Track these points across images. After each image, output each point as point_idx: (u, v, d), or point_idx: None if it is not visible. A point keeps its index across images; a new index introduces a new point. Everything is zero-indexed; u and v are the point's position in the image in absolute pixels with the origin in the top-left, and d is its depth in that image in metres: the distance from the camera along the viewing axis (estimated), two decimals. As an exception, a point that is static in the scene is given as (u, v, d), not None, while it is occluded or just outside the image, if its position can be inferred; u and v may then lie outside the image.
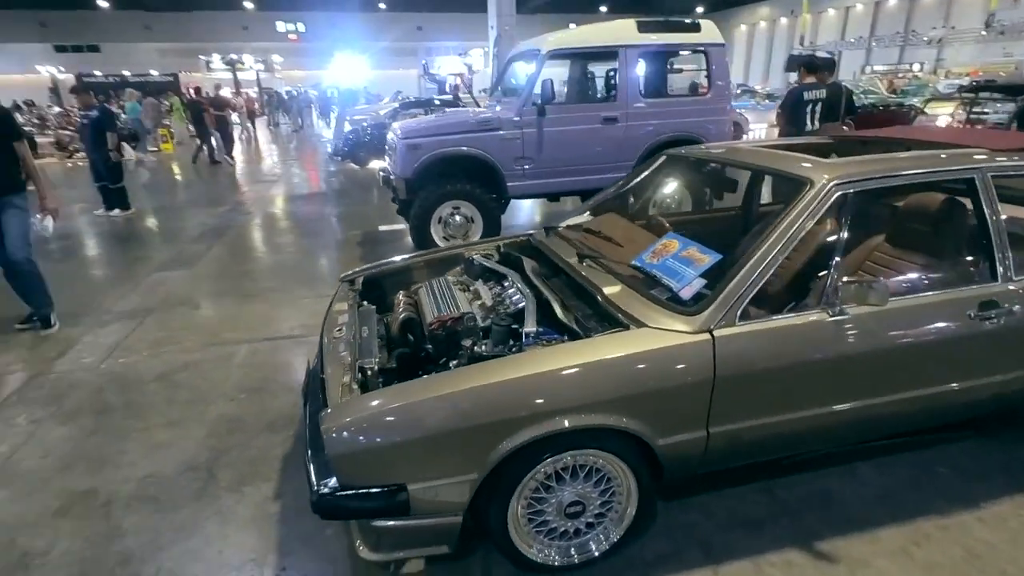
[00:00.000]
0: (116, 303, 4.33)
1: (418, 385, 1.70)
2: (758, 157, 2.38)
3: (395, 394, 1.67)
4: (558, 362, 1.69)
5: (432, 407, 1.61)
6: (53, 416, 2.82)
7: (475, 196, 4.75)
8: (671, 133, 5.00)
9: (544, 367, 1.67)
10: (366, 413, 1.60)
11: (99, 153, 7.11)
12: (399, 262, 2.89)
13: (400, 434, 1.59)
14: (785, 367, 1.81)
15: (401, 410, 1.61)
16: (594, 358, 1.70)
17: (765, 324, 1.81)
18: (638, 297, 1.92)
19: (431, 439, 1.60)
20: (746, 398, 1.82)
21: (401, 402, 1.62)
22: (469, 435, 1.62)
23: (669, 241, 2.10)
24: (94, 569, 1.92)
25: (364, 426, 1.59)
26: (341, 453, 1.59)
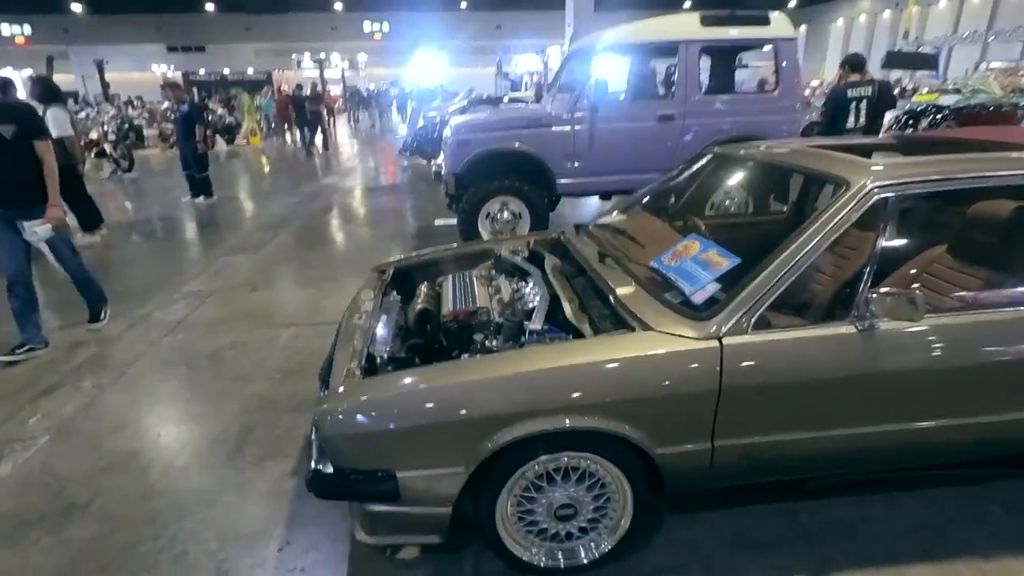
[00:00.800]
0: (187, 283, 4.67)
1: (412, 375, 1.72)
2: (796, 156, 2.22)
3: (390, 383, 1.69)
4: (554, 360, 1.65)
5: (423, 398, 1.62)
6: (114, 383, 3.08)
7: (523, 192, 4.74)
8: (731, 132, 4.76)
9: (538, 365, 1.64)
10: (360, 399, 1.64)
11: (188, 144, 7.69)
12: (430, 254, 2.93)
13: (391, 422, 1.61)
14: (804, 382, 1.68)
15: (393, 399, 1.63)
16: (591, 359, 1.65)
17: (782, 334, 1.68)
18: (649, 299, 1.85)
19: (420, 429, 1.62)
20: (757, 413, 1.70)
21: (394, 391, 1.65)
22: (457, 428, 1.62)
23: (690, 243, 2.00)
24: (123, 524, 2.08)
25: (357, 411, 1.62)
26: (333, 436, 1.63)
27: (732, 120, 4.80)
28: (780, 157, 2.30)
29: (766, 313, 1.69)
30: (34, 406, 2.86)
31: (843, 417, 1.75)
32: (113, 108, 18.20)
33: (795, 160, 2.18)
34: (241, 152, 14.55)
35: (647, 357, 1.63)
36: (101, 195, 8.80)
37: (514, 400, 1.60)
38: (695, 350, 1.63)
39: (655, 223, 2.56)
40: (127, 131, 15.23)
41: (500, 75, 20.37)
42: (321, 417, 1.62)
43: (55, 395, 2.97)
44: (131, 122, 16.12)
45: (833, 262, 2.12)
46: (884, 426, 1.76)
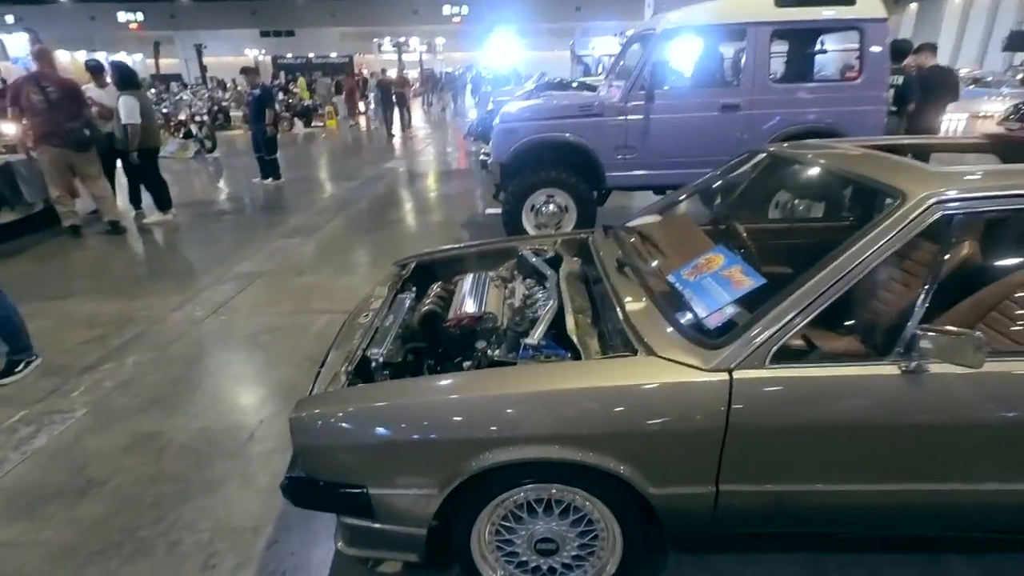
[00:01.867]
0: (239, 264, 4.84)
1: (389, 389, 1.62)
2: (852, 160, 1.92)
3: (366, 395, 1.61)
4: (540, 383, 1.51)
5: (396, 414, 1.52)
6: (154, 361, 3.21)
7: (570, 185, 4.54)
8: (803, 124, 4.32)
9: (522, 387, 1.50)
10: (333, 410, 1.56)
11: (259, 126, 8.00)
12: (454, 250, 2.83)
13: (363, 437, 1.53)
14: (830, 428, 1.44)
15: (367, 413, 1.54)
16: (581, 384, 1.49)
17: (807, 370, 1.45)
18: (658, 319, 1.65)
19: (393, 446, 1.52)
20: (771, 458, 1.48)
21: (368, 405, 1.56)
22: (432, 449, 1.51)
23: (714, 256, 1.77)
24: (131, 506, 2.14)
25: (329, 421, 1.55)
26: (303, 445, 1.57)
27: (805, 111, 4.35)
28: (833, 160, 2.00)
29: (789, 344, 1.46)
30: (79, 380, 3.03)
31: (876, 471, 1.49)
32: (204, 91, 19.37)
33: (849, 165, 1.88)
34: (316, 134, 15.06)
35: (644, 388, 1.45)
36: (184, 174, 9.37)
37: (492, 424, 1.47)
38: (699, 383, 1.43)
39: (689, 228, 2.33)
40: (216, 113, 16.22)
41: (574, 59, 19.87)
42: (294, 424, 1.56)
43: (100, 370, 3.13)
44: (220, 104, 17.14)
45: (879, 289, 1.82)
46: (926, 485, 1.49)
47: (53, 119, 5.28)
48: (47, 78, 5.33)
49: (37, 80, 5.27)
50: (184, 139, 11.73)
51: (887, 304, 1.75)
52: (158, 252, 5.41)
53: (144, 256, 5.20)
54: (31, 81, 5.27)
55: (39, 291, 4.25)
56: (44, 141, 5.33)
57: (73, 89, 5.50)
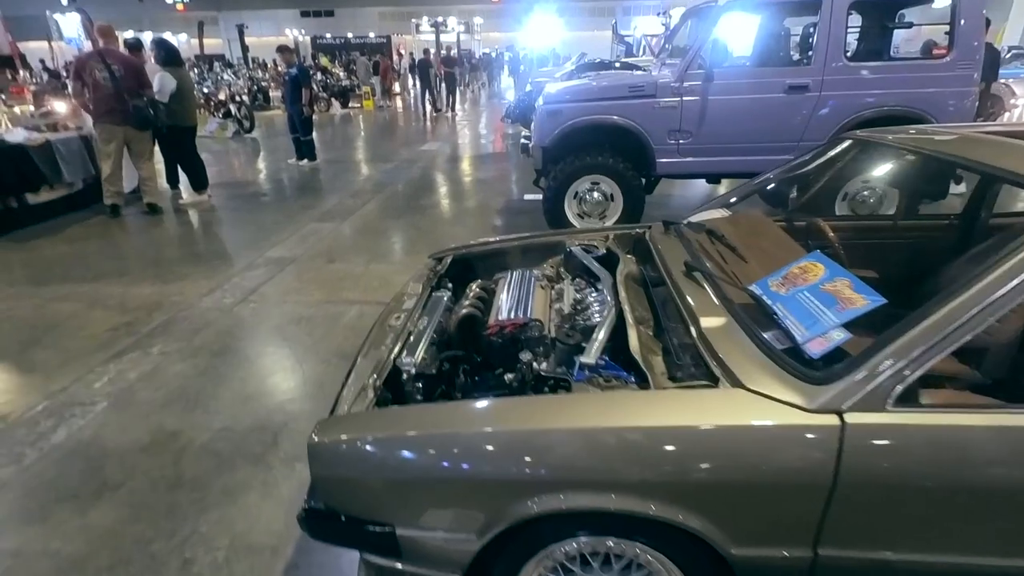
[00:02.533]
0: (270, 248, 4.71)
1: (425, 414, 1.40)
2: (971, 147, 1.58)
3: (394, 420, 1.38)
4: (600, 417, 1.26)
5: (432, 446, 1.30)
6: (180, 351, 3.08)
7: (618, 171, 4.22)
8: (882, 107, 3.89)
9: (577, 421, 1.26)
10: (354, 437, 1.34)
11: (295, 107, 7.86)
12: (495, 243, 2.58)
13: (391, 470, 1.31)
14: (969, 488, 1.15)
15: (397, 442, 1.32)
16: (651, 422, 1.23)
17: (943, 417, 1.16)
18: (743, 340, 1.38)
19: (425, 483, 1.30)
20: (889, 521, 1.20)
21: (394, 433, 1.33)
22: (469, 489, 1.29)
23: (810, 264, 1.48)
24: (145, 514, 1.99)
25: (353, 450, 1.33)
26: (323, 475, 1.36)
27: (884, 93, 3.91)
28: (948, 148, 1.67)
29: (918, 383, 1.18)
30: (103, 368, 2.92)
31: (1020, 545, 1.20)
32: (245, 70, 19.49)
33: (970, 153, 1.55)
34: (353, 115, 14.97)
35: (730, 429, 1.19)
36: (221, 153, 9.36)
37: (540, 465, 1.24)
38: (801, 426, 1.16)
39: (768, 227, 2.02)
40: (255, 93, 16.27)
41: (616, 38, 19.21)
42: (313, 451, 1.35)
43: (125, 358, 3.02)
44: (259, 84, 17.18)
45: None
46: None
47: (118, 96, 5.26)
48: (111, 55, 5.30)
49: (102, 56, 5.24)
50: (223, 119, 11.76)
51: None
52: (192, 234, 5.33)
53: (178, 238, 5.13)
54: (96, 57, 5.25)
55: (72, 273, 4.20)
56: (106, 118, 5.31)
57: (136, 67, 5.48)
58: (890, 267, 2.19)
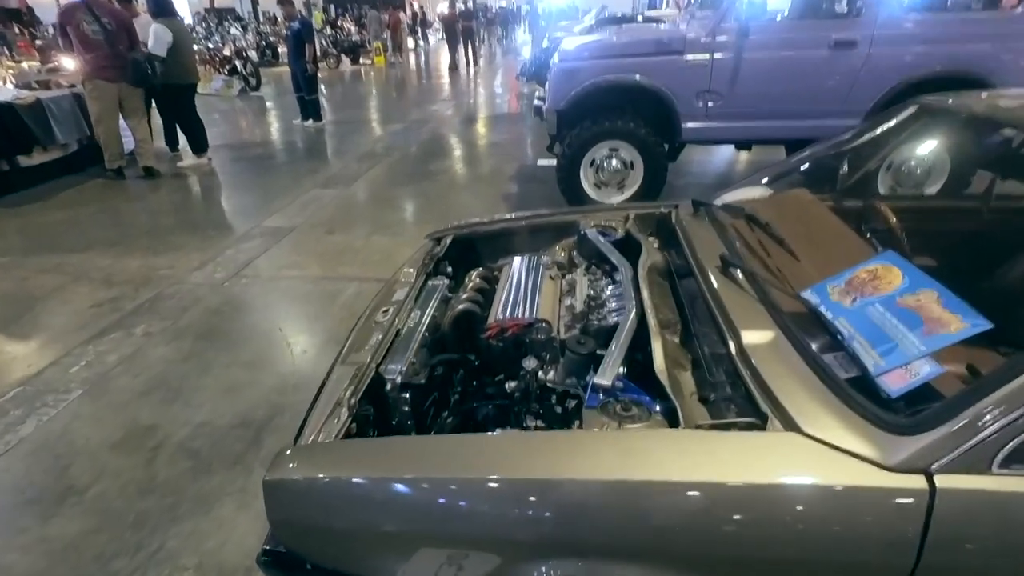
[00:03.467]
0: (270, 216, 4.46)
1: (404, 450, 1.15)
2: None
3: (372, 455, 1.14)
4: (617, 466, 1.00)
5: (412, 492, 1.06)
6: (164, 332, 2.88)
7: (638, 136, 3.85)
8: (940, 67, 3.46)
9: (591, 470, 1.00)
10: (321, 473, 1.11)
11: (298, 64, 7.46)
12: (500, 222, 2.29)
13: (362, 519, 1.08)
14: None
15: (368, 487, 1.08)
16: (681, 476, 0.97)
17: (1063, 483, 0.89)
18: (799, 364, 1.10)
19: (405, 538, 1.07)
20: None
21: (371, 472, 1.10)
22: (455, 550, 1.05)
23: (883, 268, 1.19)
24: (110, 524, 1.81)
25: (313, 493, 1.10)
26: (281, 519, 1.14)
27: (944, 48, 3.47)
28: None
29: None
30: (82, 350, 2.73)
31: None
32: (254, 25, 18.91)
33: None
34: (364, 72, 14.46)
35: (782, 489, 0.93)
36: (226, 112, 9.05)
37: (543, 524, 1.00)
38: (877, 489, 0.90)
39: (821, 214, 1.71)
40: (264, 48, 15.79)
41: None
42: (265, 490, 1.12)
43: (107, 339, 2.83)
44: (268, 39, 16.66)
45: None
46: None
47: (112, 51, 4.96)
48: (99, 6, 4.96)
49: (90, 8, 4.89)
50: (228, 76, 11.38)
51: None
52: (188, 201, 5.09)
53: (174, 205, 4.89)
54: (83, 9, 4.90)
55: (61, 242, 4.00)
56: (98, 75, 5.01)
57: (127, 20, 5.15)
58: (978, 266, 1.87)
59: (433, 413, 1.56)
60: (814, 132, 3.75)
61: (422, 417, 1.51)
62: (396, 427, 1.46)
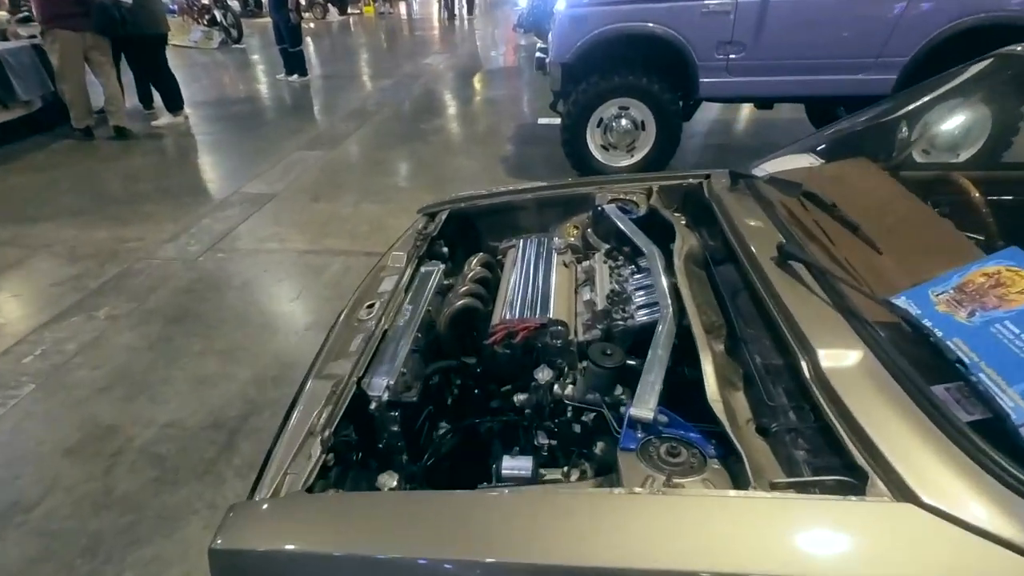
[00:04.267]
0: (249, 182, 4.12)
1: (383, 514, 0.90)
2: None
3: (345, 517, 0.89)
4: (672, 551, 0.75)
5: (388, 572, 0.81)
6: (130, 315, 2.61)
7: (652, 93, 3.50)
8: (991, 12, 3.08)
9: (632, 555, 0.75)
10: (277, 548, 0.86)
11: (280, 14, 6.96)
12: (503, 195, 1.98)
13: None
14: None
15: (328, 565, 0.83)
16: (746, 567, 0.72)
17: None
18: (901, 399, 0.84)
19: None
20: None
21: (339, 545, 0.84)
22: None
23: (1011, 271, 0.92)
24: (59, 548, 1.59)
25: (269, 569, 0.86)
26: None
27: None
28: None
29: None
30: (38, 336, 2.46)
31: None
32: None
33: None
34: (352, 23, 13.73)
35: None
36: (206, 66, 8.52)
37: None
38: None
39: (895, 191, 1.42)
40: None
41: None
42: (211, 560, 0.88)
43: (66, 323, 2.56)
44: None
45: None
46: None
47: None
48: None
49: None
50: (208, 27, 10.73)
51: None
52: (163, 163, 4.72)
53: (146, 168, 4.53)
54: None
55: (22, 211, 3.67)
56: (59, 24, 4.55)
57: None
58: None
59: (428, 427, 1.32)
60: (845, 88, 3.42)
61: (415, 436, 1.26)
62: (383, 451, 1.21)
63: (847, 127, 1.74)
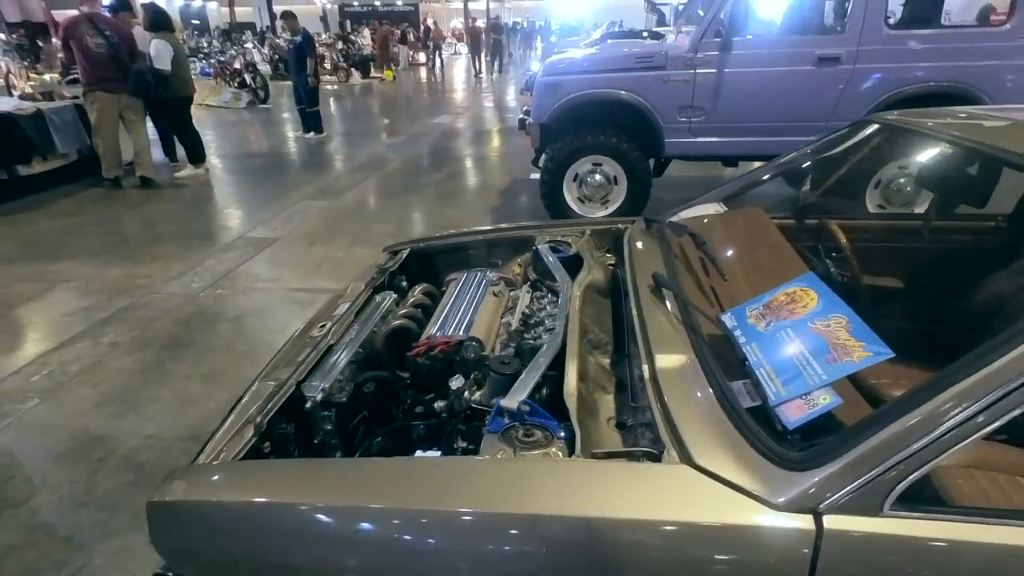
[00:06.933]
0: (254, 228, 4.47)
1: (287, 472, 1.11)
2: None
3: (256, 477, 1.10)
4: (507, 498, 0.95)
5: (291, 519, 1.01)
6: (131, 342, 2.88)
7: (621, 152, 3.82)
8: (927, 83, 3.39)
9: (472, 500, 0.95)
10: (204, 496, 1.07)
11: (300, 77, 7.56)
12: (458, 235, 2.26)
13: (242, 548, 1.03)
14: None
15: (246, 511, 1.04)
16: (565, 509, 0.92)
17: (964, 526, 0.82)
18: (704, 391, 1.05)
19: (284, 571, 1.02)
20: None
21: (251, 495, 1.05)
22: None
23: (801, 291, 1.13)
24: (42, 538, 1.79)
25: (197, 518, 1.06)
26: (163, 547, 1.10)
27: (930, 66, 3.40)
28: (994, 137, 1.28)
29: (934, 478, 0.84)
30: (46, 359, 2.73)
31: None
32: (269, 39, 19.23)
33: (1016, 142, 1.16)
34: (373, 85, 14.63)
35: (664, 526, 0.87)
36: (232, 124, 9.17)
37: (424, 558, 0.94)
38: (762, 528, 0.84)
39: (767, 231, 1.65)
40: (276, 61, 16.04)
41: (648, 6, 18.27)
42: (152, 513, 1.09)
43: (73, 348, 2.83)
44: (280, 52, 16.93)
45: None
46: None
47: (116, 62, 5.08)
48: (102, 19, 5.08)
49: (93, 21, 5.01)
50: (238, 88, 11.56)
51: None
52: (179, 210, 5.12)
53: (164, 215, 4.93)
54: (86, 22, 5.01)
55: (46, 251, 4.04)
56: (100, 86, 5.11)
57: (128, 32, 5.28)
58: (920, 277, 1.81)
59: (363, 432, 1.52)
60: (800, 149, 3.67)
61: (348, 436, 1.47)
62: (319, 447, 1.42)
63: (751, 181, 1.98)
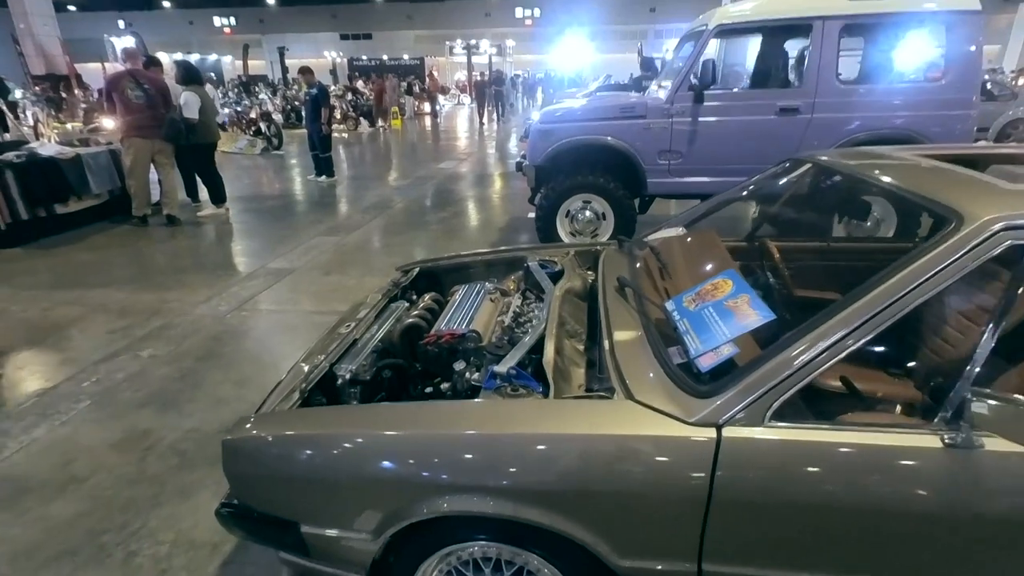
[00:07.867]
0: (273, 260, 4.87)
1: (331, 415, 1.46)
2: (904, 173, 1.58)
3: (307, 419, 1.45)
4: (496, 423, 1.29)
5: (333, 446, 1.35)
6: (168, 355, 3.22)
7: (608, 191, 4.25)
8: (874, 130, 3.84)
9: (474, 426, 1.29)
10: (267, 433, 1.41)
11: (314, 125, 8.14)
12: (461, 257, 2.65)
13: (295, 467, 1.37)
14: (843, 508, 1.14)
15: (300, 441, 1.38)
16: (538, 429, 1.26)
17: (819, 433, 1.16)
18: (646, 354, 1.40)
19: (327, 483, 1.35)
20: (766, 538, 1.20)
21: (303, 431, 1.39)
22: (367, 489, 1.33)
23: (722, 282, 1.49)
24: (103, 507, 2.09)
25: (261, 448, 1.40)
26: (235, 472, 1.43)
27: (876, 116, 3.87)
28: (885, 172, 1.66)
29: (798, 399, 1.18)
30: (94, 369, 3.07)
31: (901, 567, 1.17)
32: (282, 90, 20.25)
33: (901, 178, 1.54)
34: (380, 134, 15.37)
35: (612, 439, 1.21)
36: (248, 169, 9.72)
37: (434, 469, 1.27)
38: (679, 439, 1.17)
39: (713, 246, 2.03)
40: (289, 111, 16.87)
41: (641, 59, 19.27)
42: (223, 448, 1.42)
43: (117, 360, 3.17)
44: (293, 103, 17.82)
45: (922, 337, 1.48)
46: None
47: (152, 112, 5.63)
48: (140, 75, 5.64)
49: (134, 76, 5.57)
50: (254, 136, 12.23)
51: (932, 358, 1.41)
52: (203, 245, 5.55)
53: (189, 249, 5.35)
54: (128, 78, 5.58)
55: (86, 279, 4.42)
56: (136, 133, 5.65)
57: (164, 86, 5.83)
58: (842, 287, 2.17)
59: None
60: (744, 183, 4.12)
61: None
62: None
63: (704, 210, 2.37)
